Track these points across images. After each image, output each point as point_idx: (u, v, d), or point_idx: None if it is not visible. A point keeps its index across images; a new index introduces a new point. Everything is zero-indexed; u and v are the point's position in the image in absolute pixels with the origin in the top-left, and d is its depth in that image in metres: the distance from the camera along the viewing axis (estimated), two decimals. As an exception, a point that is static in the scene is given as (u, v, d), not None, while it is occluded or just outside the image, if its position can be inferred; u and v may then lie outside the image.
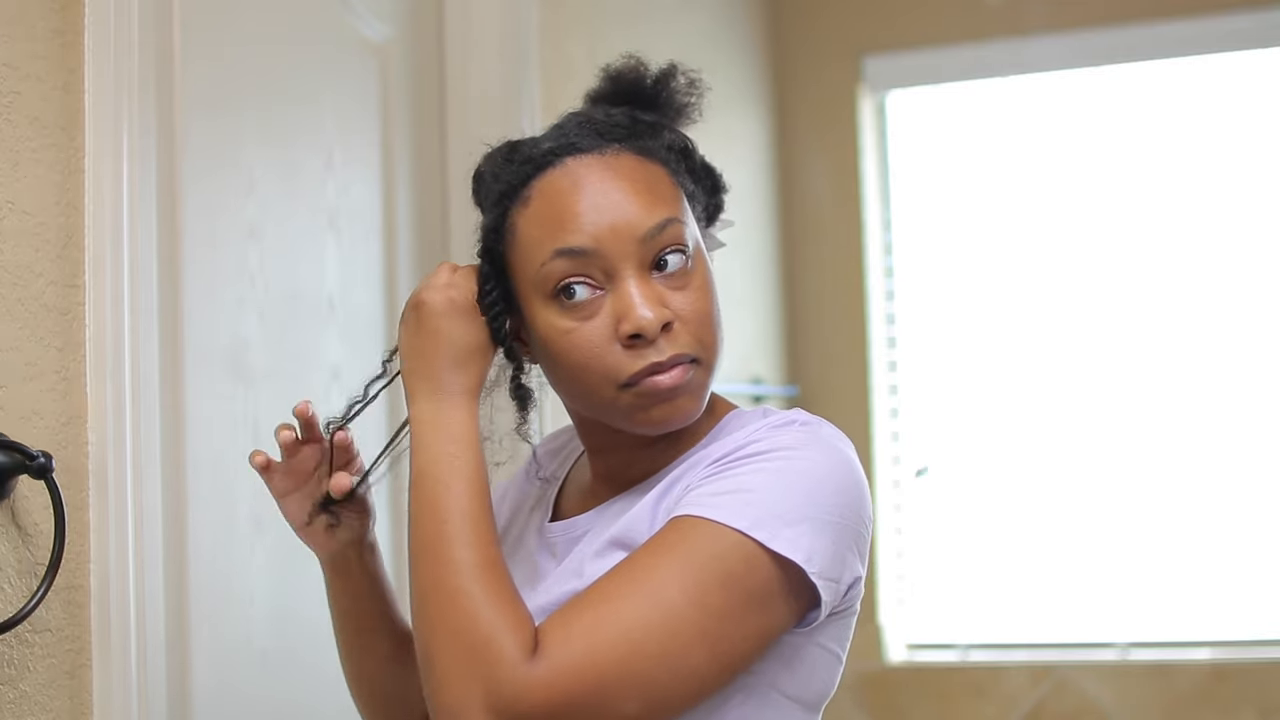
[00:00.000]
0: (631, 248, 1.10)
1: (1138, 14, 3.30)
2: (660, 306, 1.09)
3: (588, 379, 1.11)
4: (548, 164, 1.14)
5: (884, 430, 3.46)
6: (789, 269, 3.47)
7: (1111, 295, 3.35)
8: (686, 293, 1.11)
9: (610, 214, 1.10)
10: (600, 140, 1.14)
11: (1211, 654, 3.18)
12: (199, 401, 1.59)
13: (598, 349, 1.10)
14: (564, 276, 1.10)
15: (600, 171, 1.12)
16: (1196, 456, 3.28)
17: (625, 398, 1.10)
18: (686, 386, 1.10)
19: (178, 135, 1.57)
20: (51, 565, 1.26)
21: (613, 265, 1.10)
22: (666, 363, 1.09)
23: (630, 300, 1.09)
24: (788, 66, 3.50)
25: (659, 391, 1.09)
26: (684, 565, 1.02)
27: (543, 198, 1.13)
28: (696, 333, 1.11)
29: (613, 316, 1.10)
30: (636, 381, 1.09)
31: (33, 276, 1.30)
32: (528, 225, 1.13)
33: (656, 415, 1.11)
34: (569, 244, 1.10)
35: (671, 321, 1.10)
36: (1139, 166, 3.35)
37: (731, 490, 1.06)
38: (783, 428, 1.12)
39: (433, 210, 2.12)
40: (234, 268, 1.68)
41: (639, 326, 1.08)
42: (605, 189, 1.11)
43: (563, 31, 2.33)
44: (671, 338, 1.10)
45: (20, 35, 1.30)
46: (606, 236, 1.10)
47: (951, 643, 3.39)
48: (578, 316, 1.10)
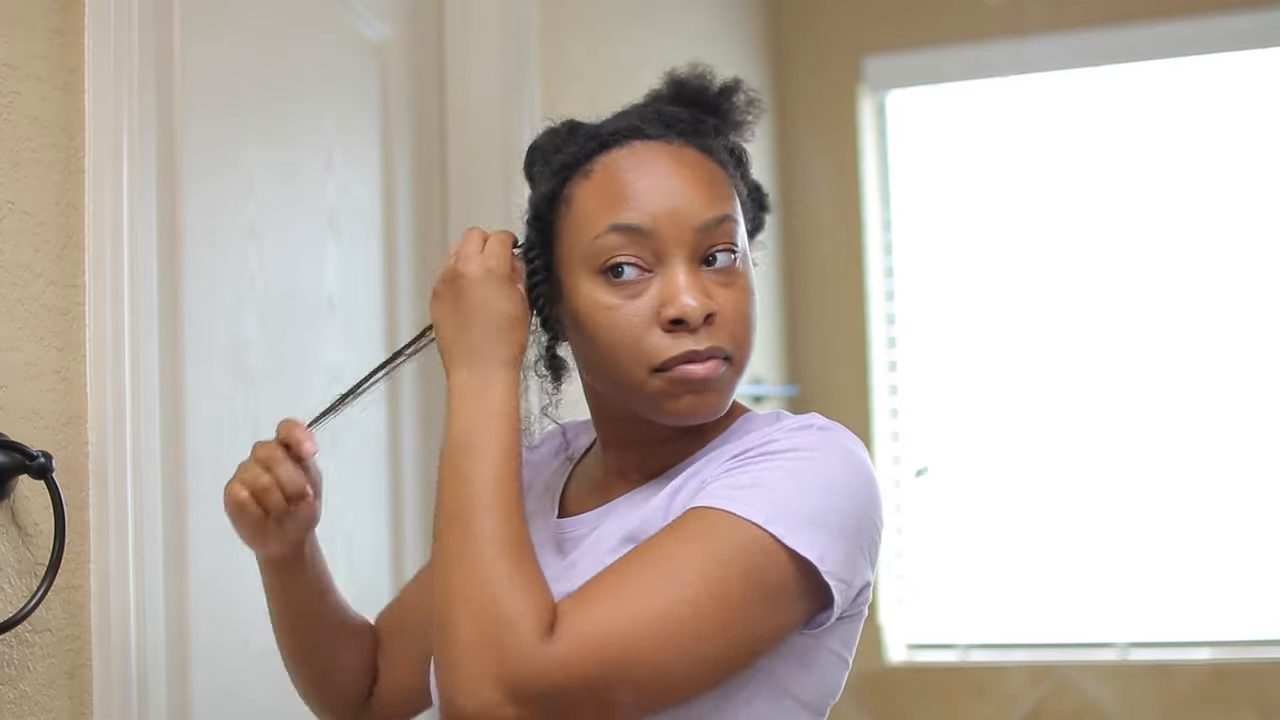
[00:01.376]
0: (687, 235, 1.11)
1: (1138, 14, 3.30)
2: (705, 298, 1.11)
3: (622, 358, 1.11)
4: (614, 143, 1.15)
5: (884, 430, 3.46)
6: (789, 269, 3.47)
7: (1111, 295, 3.35)
8: (731, 291, 1.13)
9: (671, 198, 1.11)
10: (666, 130, 1.16)
11: (1211, 654, 3.18)
12: (199, 401, 1.59)
13: (637, 329, 1.10)
14: (615, 252, 1.11)
15: (665, 157, 1.14)
16: (1196, 457, 3.28)
17: (655, 382, 1.11)
18: (717, 382, 1.12)
19: (178, 135, 1.57)
20: (51, 565, 1.26)
21: (665, 249, 1.11)
22: (704, 352, 1.10)
23: (678, 285, 1.10)
24: (788, 66, 3.50)
25: (691, 381, 1.10)
26: (705, 555, 1.03)
27: (605, 172, 1.14)
28: (734, 331, 1.13)
29: (657, 299, 1.11)
30: (670, 367, 1.10)
31: (33, 276, 1.30)
32: (586, 197, 1.14)
33: (684, 405, 1.11)
34: (627, 220, 1.11)
35: (714, 314, 1.11)
36: (1139, 166, 3.35)
37: (750, 485, 1.06)
38: (800, 430, 1.12)
39: (433, 210, 2.12)
40: (234, 268, 1.68)
41: (683, 312, 1.09)
42: (669, 173, 1.12)
43: (563, 31, 2.33)
44: (712, 331, 1.11)
45: (20, 35, 1.30)
46: (665, 219, 1.11)
47: (951, 643, 3.39)
48: (623, 294, 1.11)
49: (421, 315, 2.05)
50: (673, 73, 1.22)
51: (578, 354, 1.19)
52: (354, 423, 1.92)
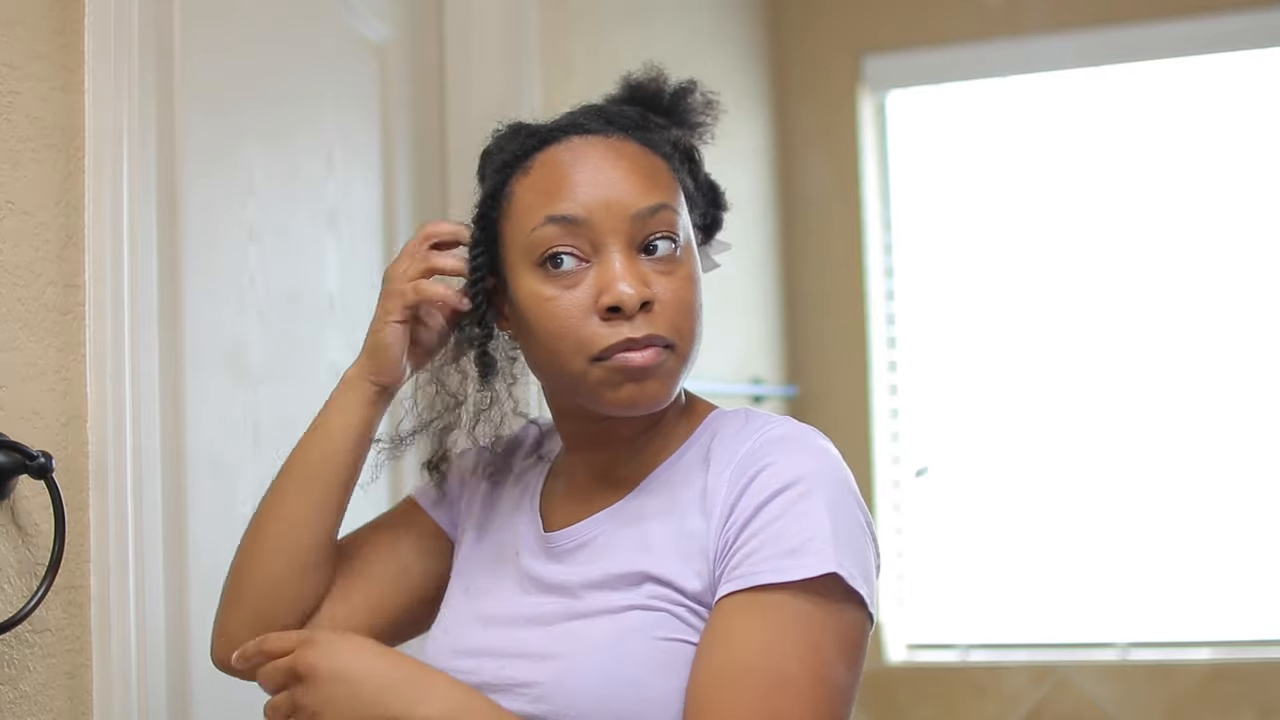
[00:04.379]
0: (622, 224, 1.12)
1: (1138, 14, 3.30)
2: (642, 285, 1.11)
3: (562, 349, 1.12)
4: (553, 139, 1.17)
5: (884, 430, 3.46)
6: (789, 269, 3.47)
7: (1111, 295, 3.35)
8: (671, 279, 1.13)
9: (605, 189, 1.13)
10: (606, 125, 1.17)
11: (1211, 654, 3.18)
12: (199, 401, 1.59)
13: (575, 319, 1.11)
14: (552, 242, 1.12)
15: (602, 150, 1.15)
16: (1196, 457, 3.28)
17: (596, 372, 1.11)
18: (658, 370, 1.11)
19: (178, 135, 1.56)
20: (51, 565, 1.26)
21: (601, 238, 1.12)
22: (641, 340, 1.10)
23: (613, 274, 1.11)
24: (788, 66, 3.50)
25: (629, 369, 1.10)
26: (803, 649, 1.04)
27: (543, 167, 1.15)
28: (674, 319, 1.12)
29: (594, 288, 1.11)
30: (608, 356, 1.10)
31: (33, 276, 1.30)
32: (525, 192, 1.15)
33: (624, 395, 1.12)
34: (561, 211, 1.12)
35: (651, 301, 1.11)
36: (1139, 166, 3.35)
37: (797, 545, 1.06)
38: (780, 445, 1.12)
39: (433, 210, 2.12)
40: (234, 268, 1.68)
41: (618, 299, 1.10)
42: (604, 165, 1.14)
43: (563, 31, 2.33)
44: (650, 318, 1.11)
45: (20, 35, 1.30)
46: (599, 209, 1.12)
47: (951, 643, 3.39)
48: (560, 285, 1.12)
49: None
50: (628, 76, 1.24)
51: (525, 354, 1.20)
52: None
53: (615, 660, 1.08)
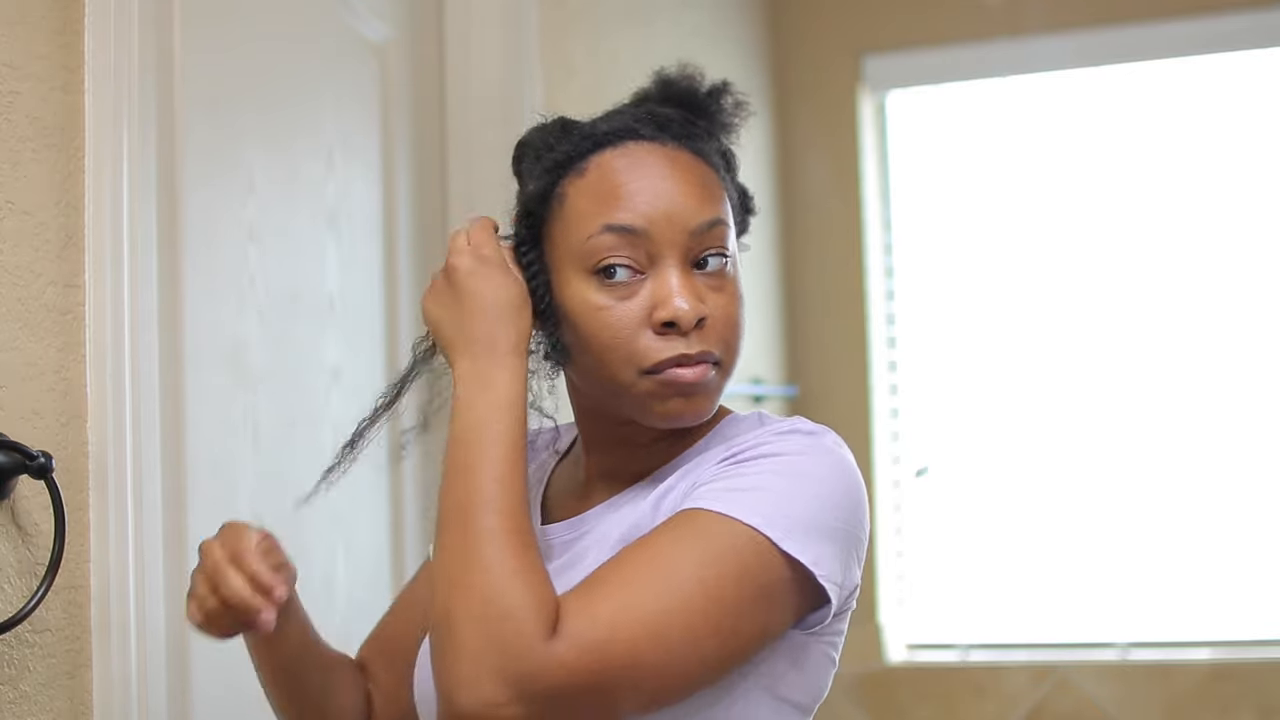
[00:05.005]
0: (681, 238, 1.11)
1: (1138, 14, 3.30)
2: (698, 301, 1.10)
3: (612, 360, 1.11)
4: (609, 142, 1.15)
5: (884, 430, 3.46)
6: (789, 269, 3.47)
7: (1111, 295, 3.35)
8: (721, 295, 1.12)
9: (666, 201, 1.11)
10: (660, 132, 1.15)
11: (1211, 654, 3.18)
12: (199, 401, 1.59)
13: (628, 331, 1.10)
14: (608, 252, 1.10)
15: (659, 159, 1.13)
16: (1196, 457, 3.28)
17: (645, 384, 1.10)
18: (705, 386, 1.11)
19: (178, 135, 1.56)
20: (51, 565, 1.26)
21: (659, 251, 1.11)
22: (694, 356, 1.10)
23: (670, 288, 1.10)
24: (788, 66, 3.50)
25: (680, 384, 1.10)
26: (702, 557, 1.02)
27: (600, 172, 1.13)
28: (725, 335, 1.12)
29: (649, 301, 1.10)
30: (660, 370, 1.10)
31: (33, 276, 1.30)
32: (579, 196, 1.13)
33: (672, 408, 1.11)
34: (621, 221, 1.10)
35: (705, 318, 1.10)
36: (1139, 166, 3.35)
37: (744, 488, 1.06)
38: (788, 434, 1.12)
39: (433, 210, 2.12)
40: (234, 268, 1.68)
41: (675, 315, 1.09)
42: (664, 175, 1.12)
43: (563, 31, 2.33)
44: (703, 335, 1.10)
45: (20, 35, 1.30)
46: (659, 221, 1.10)
47: (951, 643, 3.39)
48: (614, 295, 1.10)
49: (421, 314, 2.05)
50: (661, 72, 1.22)
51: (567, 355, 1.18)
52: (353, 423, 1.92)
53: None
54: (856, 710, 3.30)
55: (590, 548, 1.15)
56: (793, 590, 1.06)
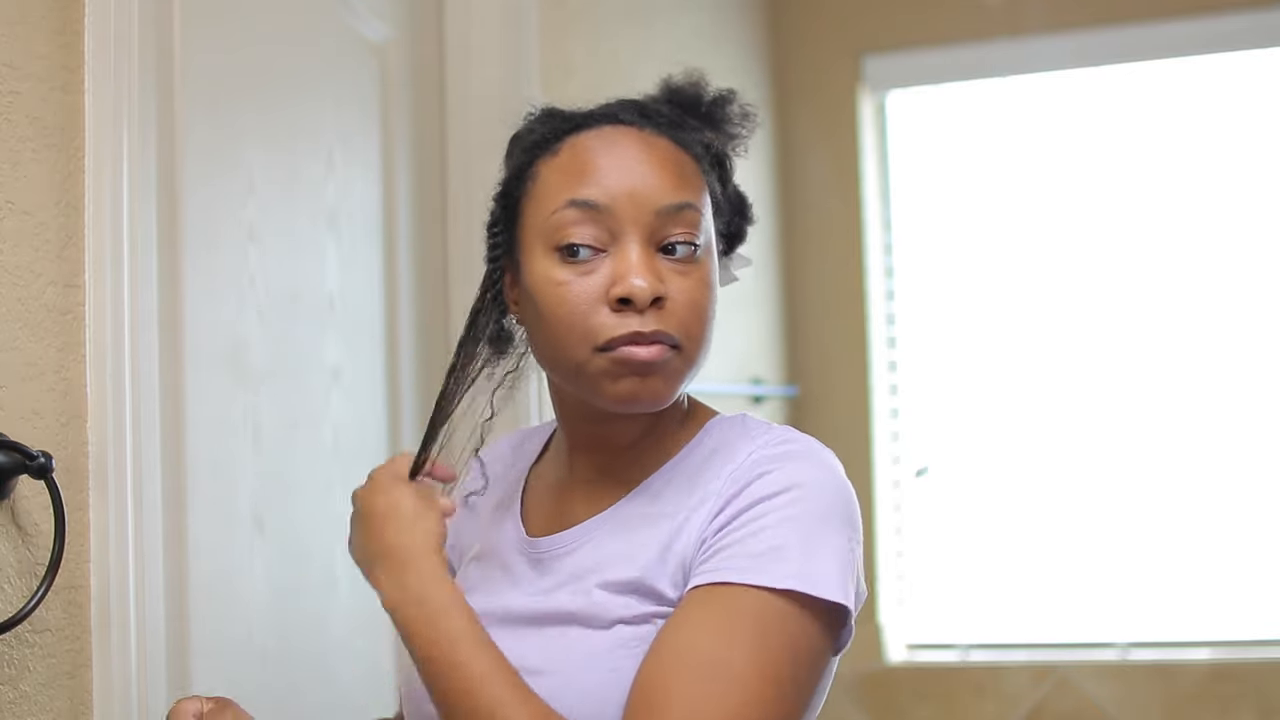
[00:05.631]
0: (645, 217, 1.11)
1: (1138, 14, 3.30)
2: (656, 280, 1.10)
3: (567, 336, 1.11)
4: (585, 125, 1.16)
5: (884, 430, 3.46)
6: (789, 269, 3.47)
7: (1111, 295, 3.35)
8: (686, 280, 1.11)
9: (632, 179, 1.11)
10: (641, 118, 1.16)
11: (1211, 654, 3.18)
12: (199, 401, 1.59)
13: (585, 306, 1.10)
14: (571, 227, 1.11)
15: (633, 140, 1.14)
16: (1196, 456, 3.28)
17: (599, 361, 1.10)
18: (662, 367, 1.10)
19: (178, 135, 1.56)
20: (51, 565, 1.25)
21: (621, 228, 1.10)
22: (648, 335, 1.09)
23: (628, 264, 1.09)
24: (788, 66, 3.50)
25: (633, 363, 1.09)
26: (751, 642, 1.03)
27: (571, 150, 1.14)
28: (685, 319, 1.11)
29: (608, 278, 1.10)
30: (614, 346, 1.09)
31: (33, 276, 1.30)
32: (550, 173, 1.14)
33: (624, 388, 1.10)
34: (584, 195, 1.11)
35: (663, 298, 1.10)
36: (1139, 166, 3.35)
37: (764, 550, 1.05)
38: (782, 455, 1.11)
39: (433, 210, 2.12)
40: (234, 268, 1.68)
41: (630, 291, 1.08)
42: (634, 155, 1.12)
43: (563, 31, 2.33)
44: (661, 315, 1.10)
45: (20, 35, 1.30)
46: (622, 197, 1.11)
47: (951, 643, 3.39)
48: (574, 272, 1.11)
49: (422, 315, 2.06)
50: (669, 79, 1.22)
51: (531, 340, 1.18)
52: (354, 423, 1.92)
53: (605, 676, 1.07)
54: (856, 710, 3.30)
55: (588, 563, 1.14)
56: (831, 630, 1.08)
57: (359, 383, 1.93)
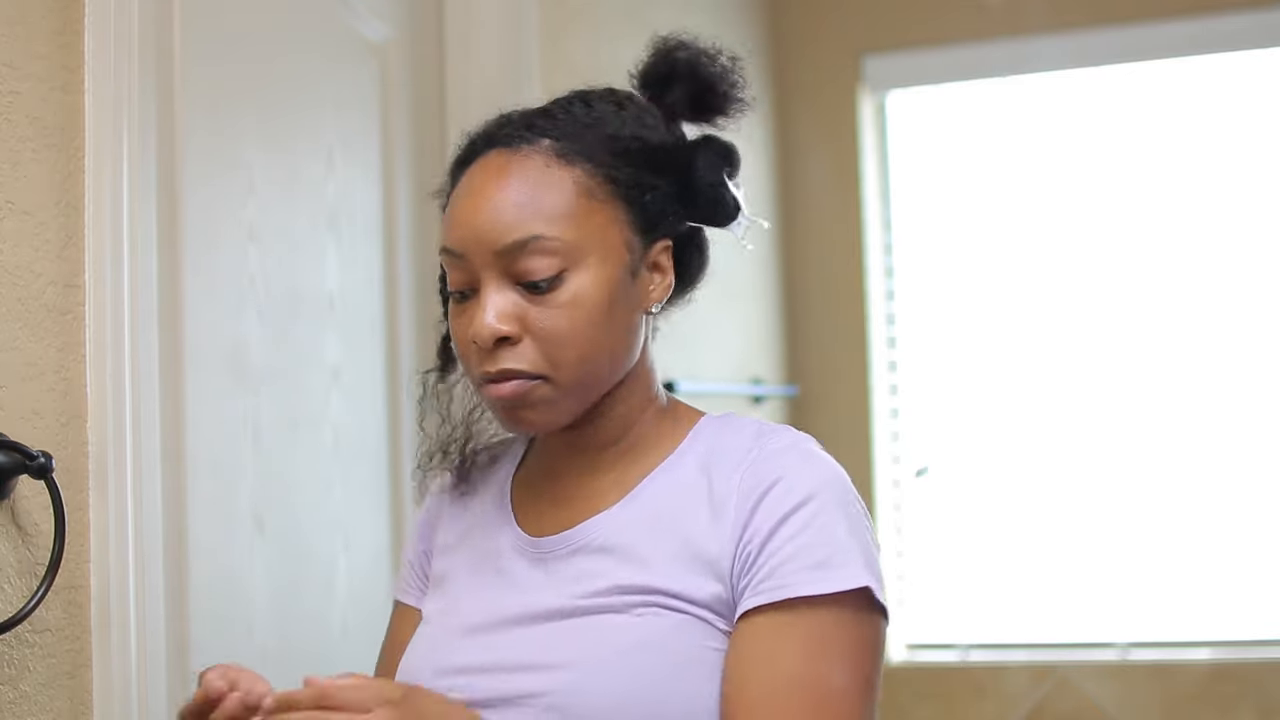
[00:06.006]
0: (489, 259, 1.13)
1: (1138, 14, 3.30)
2: (508, 319, 1.12)
3: (465, 366, 1.18)
4: (474, 155, 1.20)
5: (884, 430, 3.46)
6: (789, 269, 3.47)
7: (1111, 295, 3.35)
8: (545, 310, 1.12)
9: (477, 223, 1.14)
10: (526, 134, 1.17)
11: (1211, 654, 3.18)
12: (199, 401, 1.59)
13: (463, 345, 1.16)
14: (448, 271, 1.16)
15: (495, 175, 1.15)
16: (1196, 457, 3.28)
17: (482, 394, 1.17)
18: (525, 400, 1.13)
19: (178, 135, 1.57)
20: (51, 565, 1.26)
21: (476, 272, 1.14)
22: (495, 374, 1.13)
23: (479, 308, 1.13)
24: (788, 67, 3.50)
25: (496, 400, 1.14)
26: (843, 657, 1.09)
27: (456, 190, 1.19)
28: (547, 351, 1.12)
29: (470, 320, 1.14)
30: (482, 383, 1.15)
31: (33, 276, 1.30)
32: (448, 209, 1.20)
33: (501, 419, 1.17)
34: (447, 243, 1.16)
35: (511, 336, 1.12)
36: (1139, 166, 3.35)
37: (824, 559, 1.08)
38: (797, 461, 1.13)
39: (433, 210, 2.11)
40: (234, 268, 1.68)
41: (475, 336, 1.13)
42: (487, 195, 1.14)
43: (563, 31, 2.33)
44: (516, 353, 1.12)
45: (20, 35, 1.30)
46: (470, 243, 1.14)
47: (951, 643, 3.39)
48: (458, 311, 1.17)
49: (422, 315, 2.05)
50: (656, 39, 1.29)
51: None
52: (354, 423, 1.92)
53: (635, 664, 1.08)
54: (856, 710, 3.29)
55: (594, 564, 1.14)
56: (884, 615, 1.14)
57: (359, 383, 1.93)
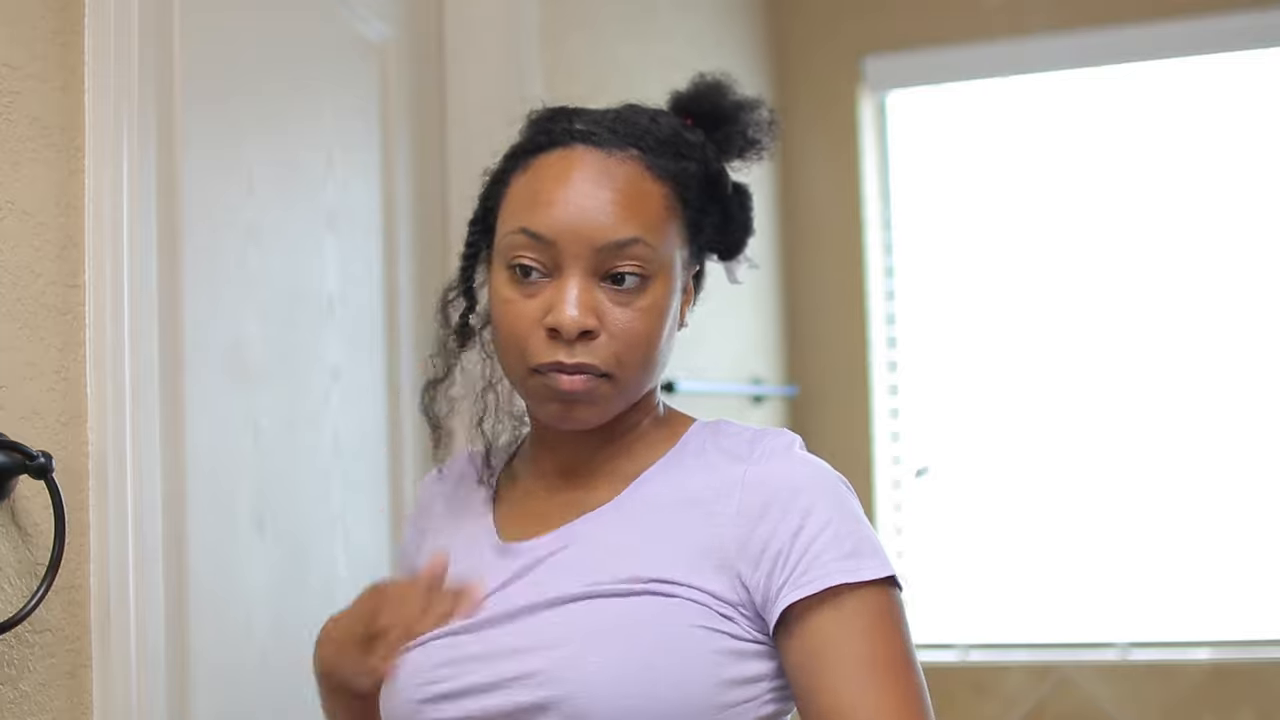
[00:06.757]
0: (585, 252, 1.14)
1: (1138, 14, 3.30)
2: (590, 314, 1.13)
3: (510, 352, 1.17)
4: (557, 143, 1.18)
5: (884, 430, 3.46)
6: (789, 269, 3.47)
7: (1111, 295, 3.35)
8: (627, 311, 1.15)
9: (578, 215, 1.14)
10: (617, 140, 1.18)
11: (1211, 654, 3.18)
12: (199, 401, 1.59)
13: (525, 328, 1.15)
14: (521, 250, 1.15)
15: (594, 169, 1.16)
16: (1196, 457, 3.28)
17: (532, 382, 1.16)
18: (586, 396, 1.15)
19: (177, 135, 1.56)
20: (51, 565, 1.25)
21: (563, 261, 1.14)
22: (569, 366, 1.13)
23: (563, 297, 1.14)
24: (788, 66, 3.50)
25: (557, 391, 1.14)
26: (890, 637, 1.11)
27: (535, 172, 1.18)
28: (619, 351, 1.14)
29: (546, 305, 1.14)
30: (543, 371, 1.14)
31: (33, 276, 1.30)
32: (516, 190, 1.19)
33: (551, 411, 1.17)
34: (532, 226, 1.15)
35: (594, 331, 1.13)
36: (1139, 166, 3.35)
37: (852, 550, 1.12)
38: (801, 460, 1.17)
39: (433, 210, 2.13)
40: (234, 268, 1.68)
41: (558, 323, 1.13)
42: (587, 189, 1.15)
43: (563, 31, 2.33)
44: (591, 347, 1.14)
45: (20, 35, 1.30)
46: (566, 234, 1.14)
47: (951, 643, 3.39)
48: (522, 292, 1.16)
49: (422, 315, 2.05)
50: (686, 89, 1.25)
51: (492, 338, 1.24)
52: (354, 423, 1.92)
53: (626, 639, 1.08)
54: (856, 710, 3.29)
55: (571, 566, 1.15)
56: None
57: (359, 383, 1.93)
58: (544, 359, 1.14)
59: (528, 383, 1.16)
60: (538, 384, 1.15)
